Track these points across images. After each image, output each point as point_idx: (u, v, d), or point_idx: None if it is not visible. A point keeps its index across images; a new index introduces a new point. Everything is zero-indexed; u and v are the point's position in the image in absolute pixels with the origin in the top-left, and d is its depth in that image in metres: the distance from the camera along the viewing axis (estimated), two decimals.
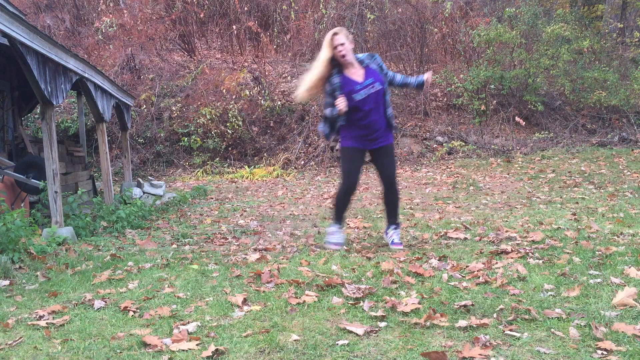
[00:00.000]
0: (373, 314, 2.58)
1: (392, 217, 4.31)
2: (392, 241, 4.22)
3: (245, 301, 2.87)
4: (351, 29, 12.94)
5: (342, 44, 4.01)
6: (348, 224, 5.48)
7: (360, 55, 4.19)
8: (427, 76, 4.20)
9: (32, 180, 6.27)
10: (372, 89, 4.04)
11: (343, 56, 4.01)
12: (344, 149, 4.19)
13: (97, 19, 14.48)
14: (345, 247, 4.22)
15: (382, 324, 2.45)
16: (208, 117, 12.23)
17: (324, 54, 4.06)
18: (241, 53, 15.19)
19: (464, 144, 11.82)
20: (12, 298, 3.18)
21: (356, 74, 4.08)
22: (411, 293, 2.85)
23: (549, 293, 2.74)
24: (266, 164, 11.98)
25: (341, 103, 3.94)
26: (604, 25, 14.90)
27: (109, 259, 4.15)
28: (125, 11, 14.35)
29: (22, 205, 6.47)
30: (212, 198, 8.69)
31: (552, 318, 2.39)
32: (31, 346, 2.37)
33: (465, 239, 4.33)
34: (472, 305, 2.60)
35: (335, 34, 4.04)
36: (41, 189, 5.87)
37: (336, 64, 4.07)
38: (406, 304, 2.64)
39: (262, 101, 12.74)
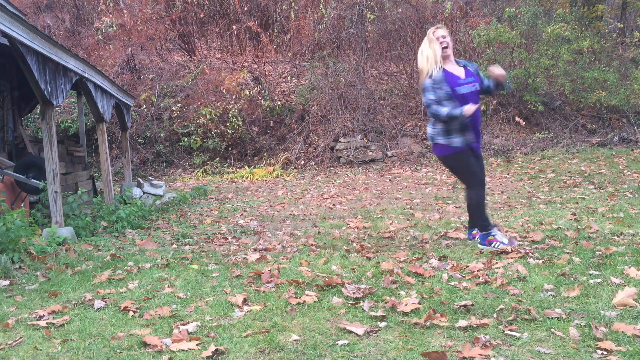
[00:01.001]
0: (373, 314, 2.57)
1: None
2: (501, 243, 3.86)
3: (245, 301, 2.87)
4: (351, 29, 12.95)
5: (443, 36, 3.96)
6: (348, 224, 5.48)
7: (458, 60, 4.14)
8: (495, 72, 3.97)
9: (32, 180, 6.27)
10: (473, 87, 3.96)
11: (445, 47, 3.94)
12: (453, 156, 3.95)
13: (97, 19, 14.48)
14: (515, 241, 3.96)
15: (382, 324, 2.45)
16: (208, 117, 12.23)
17: (432, 45, 3.95)
18: (241, 53, 15.19)
19: None
20: (12, 298, 3.18)
21: (457, 71, 4.00)
22: (411, 293, 2.85)
23: (549, 293, 2.74)
24: (266, 164, 11.98)
25: (471, 109, 3.74)
26: (604, 25, 14.90)
27: (109, 259, 4.15)
28: (125, 11, 14.35)
29: (22, 205, 6.47)
30: (212, 198, 8.69)
31: (552, 318, 2.39)
32: (31, 346, 2.37)
33: (465, 239, 4.33)
34: (472, 305, 2.60)
35: (437, 27, 4.02)
36: (41, 189, 5.87)
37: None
38: (406, 304, 2.64)
39: (262, 101, 12.74)
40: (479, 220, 4.01)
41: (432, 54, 3.97)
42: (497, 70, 3.95)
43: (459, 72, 4.00)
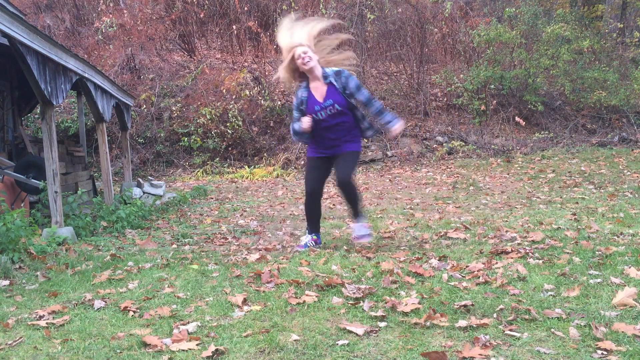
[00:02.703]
0: (373, 314, 2.57)
1: (352, 212, 4.32)
2: (355, 235, 4.28)
3: (245, 301, 2.86)
4: (351, 29, 12.95)
5: (304, 52, 3.94)
6: (348, 224, 5.48)
7: (327, 70, 4.08)
8: (397, 126, 4.15)
9: (32, 180, 6.27)
10: (331, 110, 4.03)
11: (307, 63, 3.96)
12: (308, 159, 4.36)
13: (97, 19, 14.48)
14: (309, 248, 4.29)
15: (382, 324, 2.45)
16: (208, 117, 12.23)
17: (286, 65, 4.06)
18: (241, 53, 15.19)
19: (464, 144, 11.82)
20: (12, 298, 3.18)
21: (319, 90, 4.05)
22: (411, 293, 2.85)
23: (549, 293, 2.74)
24: (266, 164, 11.98)
25: (306, 123, 3.99)
26: (604, 25, 14.90)
27: (109, 259, 4.14)
28: (125, 11, 14.35)
29: (22, 205, 6.47)
30: (212, 198, 8.69)
31: (552, 318, 2.39)
32: (31, 346, 2.37)
33: (465, 239, 4.33)
34: (472, 305, 2.60)
35: (295, 47, 3.94)
36: (41, 189, 5.87)
37: (304, 75, 4.08)
38: (406, 304, 2.64)
39: (262, 101, 12.74)
40: (307, 220, 4.41)
41: (285, 76, 4.13)
42: (395, 132, 4.21)
43: (320, 92, 4.03)
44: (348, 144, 4.17)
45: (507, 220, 5.16)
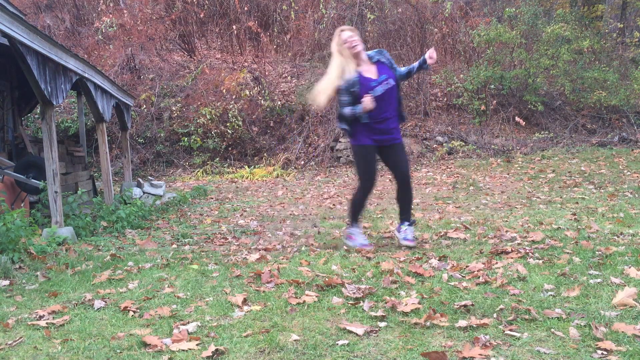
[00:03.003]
0: (373, 314, 2.57)
1: (406, 213, 4.25)
2: (405, 237, 4.16)
3: (245, 301, 2.86)
4: None
5: (351, 37, 3.99)
6: (348, 224, 5.48)
7: (369, 52, 4.15)
8: (429, 53, 4.03)
9: (32, 180, 6.27)
10: (387, 85, 3.99)
11: (354, 47, 3.97)
12: (359, 148, 4.11)
13: (97, 19, 14.49)
14: (372, 245, 4.20)
15: (382, 324, 2.45)
16: (208, 117, 12.23)
17: (336, 54, 4.04)
18: (241, 53, 15.19)
19: (464, 144, 11.82)
20: (12, 298, 3.18)
21: (369, 70, 4.03)
22: (411, 293, 2.85)
23: (549, 293, 2.74)
24: (266, 164, 11.98)
25: (368, 101, 3.87)
26: (604, 25, 14.90)
27: (109, 259, 4.15)
28: (125, 11, 14.35)
29: (22, 205, 6.47)
30: (212, 198, 8.69)
31: (552, 318, 2.39)
32: (31, 346, 2.37)
33: (465, 239, 4.33)
34: (472, 305, 2.60)
35: (342, 30, 4.06)
36: (41, 189, 5.87)
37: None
38: (406, 304, 2.64)
39: (262, 101, 12.74)
40: (354, 215, 4.26)
41: (329, 82, 4.06)
42: (433, 55, 4.03)
43: (372, 72, 4.03)
44: (398, 133, 4.16)
45: (507, 220, 5.16)
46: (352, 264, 3.60)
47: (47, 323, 2.65)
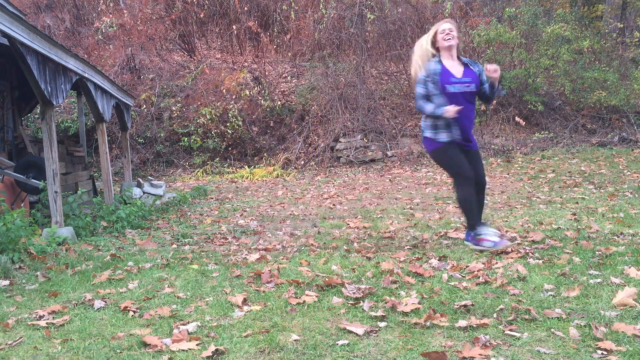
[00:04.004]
0: (373, 314, 2.57)
1: (480, 217, 4.04)
2: (495, 243, 3.74)
3: (245, 301, 2.86)
4: (351, 29, 12.95)
5: (450, 29, 3.89)
6: (348, 224, 5.48)
7: (464, 58, 4.05)
8: (489, 67, 3.81)
9: (32, 180, 6.27)
10: (467, 87, 3.86)
11: (448, 40, 3.86)
12: (439, 150, 3.92)
13: (97, 19, 14.48)
14: (506, 238, 3.90)
15: (382, 324, 2.45)
16: (208, 117, 12.23)
17: (429, 37, 3.96)
18: (241, 53, 15.19)
19: None
20: (12, 298, 3.18)
21: (454, 67, 3.91)
22: (411, 293, 2.85)
23: (549, 293, 2.74)
24: (266, 164, 11.98)
25: (452, 109, 3.69)
26: (604, 25, 14.90)
27: (109, 259, 4.15)
28: (125, 11, 14.35)
29: (22, 205, 6.47)
30: (212, 198, 8.69)
31: (552, 318, 2.39)
32: (31, 346, 2.37)
33: (464, 239, 4.32)
34: (472, 305, 2.60)
35: (444, 21, 3.98)
36: (41, 189, 5.87)
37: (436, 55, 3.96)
38: (406, 304, 2.64)
39: (262, 101, 12.74)
40: (466, 218, 3.94)
41: (423, 48, 3.96)
42: (492, 66, 3.81)
43: (457, 70, 3.91)
44: (474, 139, 4.05)
45: (507, 220, 5.16)
46: (352, 264, 3.60)
47: (47, 323, 2.65)
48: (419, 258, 3.69)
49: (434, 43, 3.98)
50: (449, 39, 3.89)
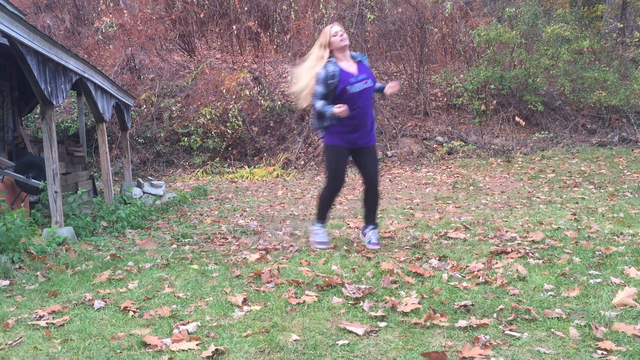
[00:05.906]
0: (373, 314, 2.58)
1: (371, 217, 4.30)
2: (370, 241, 4.20)
3: (245, 301, 2.87)
4: (351, 29, 12.94)
5: (341, 30, 4.06)
6: (348, 224, 5.48)
7: (353, 53, 4.20)
8: (390, 85, 4.08)
9: (32, 180, 6.27)
10: (365, 84, 4.01)
11: (343, 40, 4.02)
12: (329, 147, 4.12)
13: (97, 19, 14.48)
14: (330, 245, 4.26)
15: (382, 324, 2.45)
16: (208, 117, 12.23)
17: (317, 47, 4.09)
18: (241, 53, 15.19)
19: (464, 144, 11.82)
20: (12, 298, 3.18)
21: (350, 67, 4.06)
22: (411, 293, 2.85)
23: (549, 293, 2.74)
24: (266, 164, 11.98)
25: (342, 109, 3.82)
26: (604, 25, 14.90)
27: (109, 259, 4.15)
28: (125, 11, 14.35)
29: (22, 205, 6.47)
30: (212, 198, 8.69)
31: (552, 318, 2.39)
32: (31, 346, 2.37)
33: (465, 239, 4.33)
34: (472, 305, 2.60)
35: (332, 25, 4.13)
36: (41, 189, 5.87)
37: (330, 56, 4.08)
38: (406, 304, 2.64)
39: (262, 101, 12.74)
40: (321, 212, 4.30)
41: (316, 55, 4.09)
42: (393, 88, 4.06)
43: (353, 68, 4.05)
44: (372, 135, 4.16)
45: (507, 220, 5.16)
46: (352, 264, 3.60)
47: (47, 323, 2.65)
48: (419, 258, 3.69)
49: (328, 46, 4.08)
50: (343, 38, 4.05)
